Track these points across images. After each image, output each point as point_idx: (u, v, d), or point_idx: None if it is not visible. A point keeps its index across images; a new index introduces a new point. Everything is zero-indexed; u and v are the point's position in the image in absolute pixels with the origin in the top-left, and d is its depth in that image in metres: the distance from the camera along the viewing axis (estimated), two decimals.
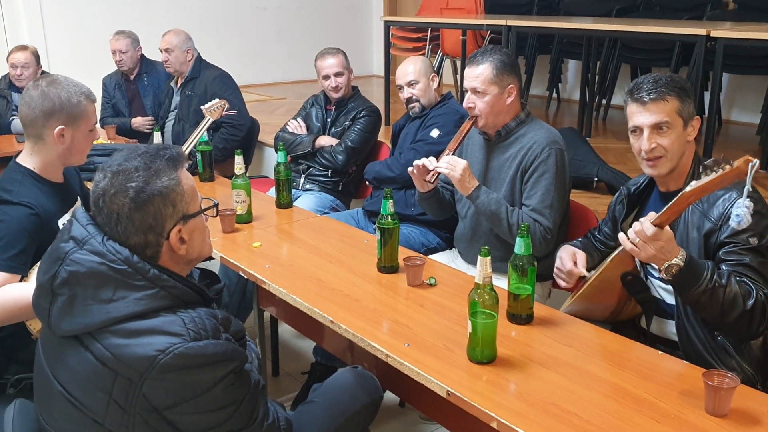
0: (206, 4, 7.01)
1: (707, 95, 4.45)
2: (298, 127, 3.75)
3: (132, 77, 4.83)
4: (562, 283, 2.16)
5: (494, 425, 1.46)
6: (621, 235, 1.78)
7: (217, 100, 3.42)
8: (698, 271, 1.72)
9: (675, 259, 1.70)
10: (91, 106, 2.15)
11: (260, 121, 4.48)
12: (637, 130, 1.93)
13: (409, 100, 3.18)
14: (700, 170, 1.58)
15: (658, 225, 1.68)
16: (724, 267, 1.79)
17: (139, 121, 4.66)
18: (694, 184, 1.59)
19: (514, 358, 1.69)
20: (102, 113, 4.81)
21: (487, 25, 4.77)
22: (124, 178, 1.36)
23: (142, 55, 4.83)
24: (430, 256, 2.51)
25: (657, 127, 1.89)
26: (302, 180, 3.65)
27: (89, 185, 1.91)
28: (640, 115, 1.91)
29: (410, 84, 3.15)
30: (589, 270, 2.09)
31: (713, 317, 1.78)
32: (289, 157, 3.23)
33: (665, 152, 1.90)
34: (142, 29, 4.88)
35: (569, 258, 2.13)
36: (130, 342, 1.30)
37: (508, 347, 1.74)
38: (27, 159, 2.13)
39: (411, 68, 3.15)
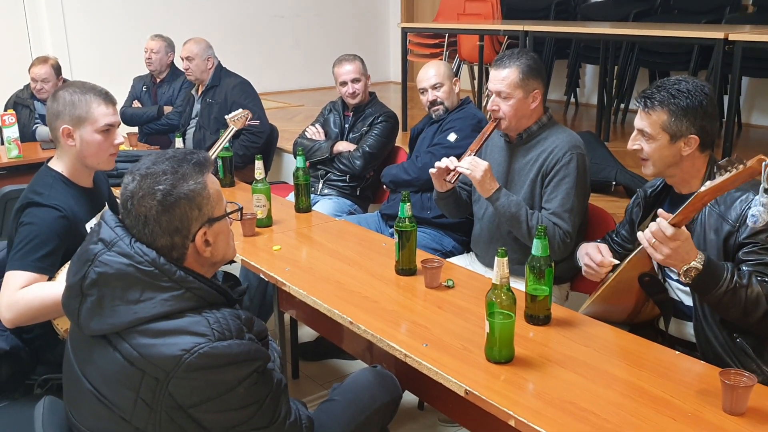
0: (225, 12, 7.09)
1: (726, 99, 4.43)
2: (316, 133, 3.79)
3: (158, 81, 4.94)
4: (594, 278, 2.15)
5: (512, 423, 1.48)
6: (640, 234, 1.79)
7: (240, 110, 3.48)
8: (717, 273, 1.72)
9: (693, 263, 1.70)
10: (99, 108, 2.13)
11: (279, 128, 4.52)
12: None
13: (433, 103, 3.17)
14: (714, 170, 1.59)
15: (675, 225, 1.68)
16: (744, 267, 1.79)
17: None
18: (708, 183, 1.60)
19: (532, 358, 1.71)
20: (122, 105, 4.89)
21: (504, 30, 4.79)
22: (152, 181, 1.40)
23: (173, 64, 4.92)
24: (447, 260, 2.52)
25: (641, 132, 1.98)
26: (320, 185, 3.69)
27: (117, 191, 1.95)
28: (637, 116, 2.01)
29: (435, 87, 3.14)
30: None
31: (736, 318, 1.78)
32: (307, 163, 3.27)
33: (647, 157, 1.98)
34: None
35: (596, 251, 2.14)
36: (156, 342, 1.33)
37: (526, 347, 1.75)
38: (57, 163, 2.19)
39: (434, 71, 3.15)
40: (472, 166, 2.40)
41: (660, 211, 1.73)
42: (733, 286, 1.72)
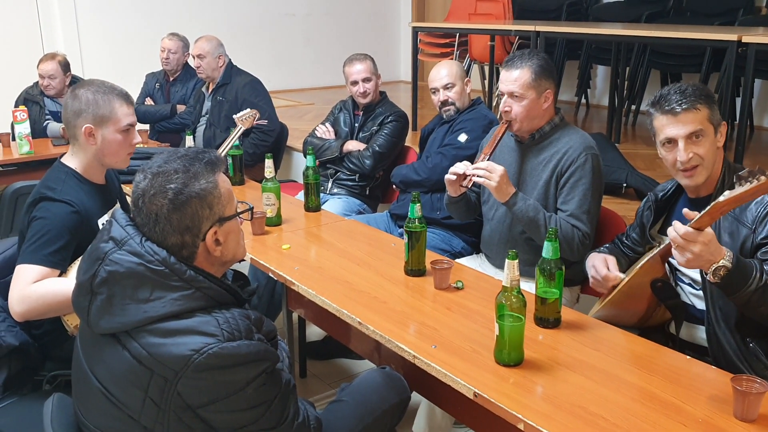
0: (236, 10, 7.11)
1: (738, 101, 4.41)
2: (326, 132, 3.78)
3: (171, 79, 4.97)
4: (601, 289, 2.14)
5: (521, 426, 1.47)
6: (670, 229, 1.71)
7: (248, 109, 3.49)
8: (747, 271, 1.69)
9: (723, 261, 1.67)
10: (121, 108, 2.17)
11: (289, 126, 4.52)
12: (671, 141, 1.92)
13: (444, 103, 3.16)
14: (734, 180, 1.55)
15: (697, 229, 1.66)
16: (765, 267, 1.77)
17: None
18: (728, 194, 1.56)
19: (541, 361, 1.70)
20: (134, 102, 4.93)
21: (515, 30, 4.78)
22: (163, 180, 1.40)
23: (187, 63, 4.95)
24: (457, 261, 2.52)
25: (692, 137, 1.89)
26: (330, 184, 3.69)
27: (127, 188, 1.95)
28: (672, 127, 1.91)
29: (446, 87, 3.13)
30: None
31: (764, 315, 1.75)
32: (317, 162, 3.27)
33: (701, 161, 1.90)
34: None
35: (602, 264, 2.12)
36: (166, 341, 1.33)
37: (535, 350, 1.75)
38: (70, 159, 2.20)
39: (446, 71, 3.14)
40: (487, 172, 2.37)
41: (685, 210, 1.69)
42: (763, 283, 1.68)
